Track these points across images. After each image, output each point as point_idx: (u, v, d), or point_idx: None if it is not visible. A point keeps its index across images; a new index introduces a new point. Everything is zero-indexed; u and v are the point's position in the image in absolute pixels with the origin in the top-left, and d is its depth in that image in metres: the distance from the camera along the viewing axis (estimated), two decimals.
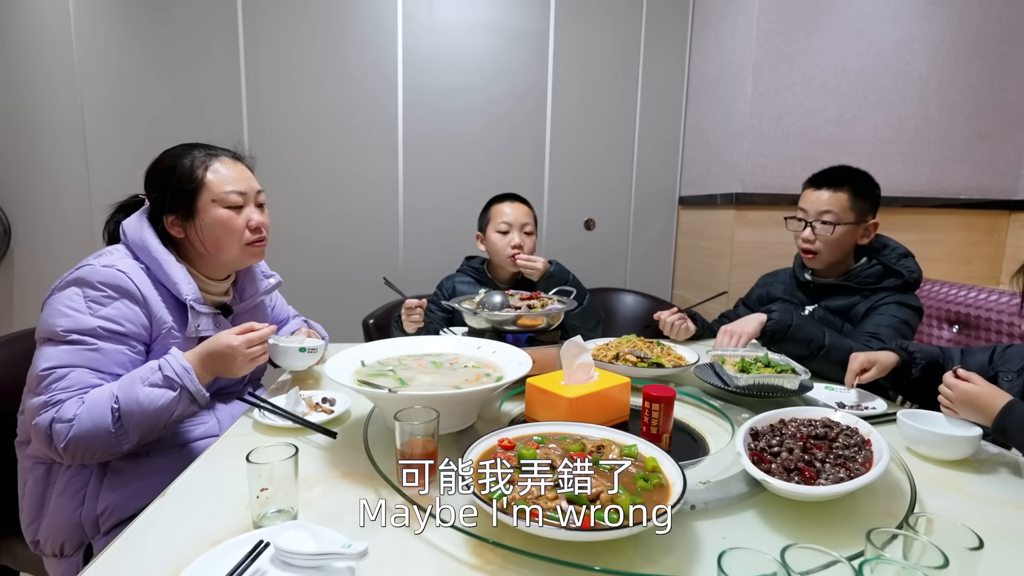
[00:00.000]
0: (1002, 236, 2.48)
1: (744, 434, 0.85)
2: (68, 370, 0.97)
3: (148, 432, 0.99)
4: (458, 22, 2.55)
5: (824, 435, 0.84)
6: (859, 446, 0.82)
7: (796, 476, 0.75)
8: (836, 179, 1.50)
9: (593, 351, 1.35)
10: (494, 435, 0.80)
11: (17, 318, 2.52)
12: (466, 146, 2.63)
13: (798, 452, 0.79)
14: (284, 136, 2.51)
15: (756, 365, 1.21)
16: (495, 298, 1.31)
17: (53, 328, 0.99)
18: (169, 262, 1.09)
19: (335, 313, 2.26)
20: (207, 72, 2.44)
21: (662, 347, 1.40)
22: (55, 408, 0.94)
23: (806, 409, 0.93)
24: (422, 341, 1.21)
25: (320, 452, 0.91)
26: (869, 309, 1.47)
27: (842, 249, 1.51)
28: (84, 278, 1.02)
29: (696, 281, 2.69)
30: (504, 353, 1.11)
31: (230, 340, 1.03)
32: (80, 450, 0.95)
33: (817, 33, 2.24)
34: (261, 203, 1.20)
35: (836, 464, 0.77)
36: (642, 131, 2.76)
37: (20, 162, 2.42)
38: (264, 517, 0.69)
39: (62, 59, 2.37)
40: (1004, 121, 2.39)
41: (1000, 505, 0.81)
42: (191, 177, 1.11)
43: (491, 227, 1.76)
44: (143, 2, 2.38)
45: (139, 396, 0.96)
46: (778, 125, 2.28)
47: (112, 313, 1.02)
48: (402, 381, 1.01)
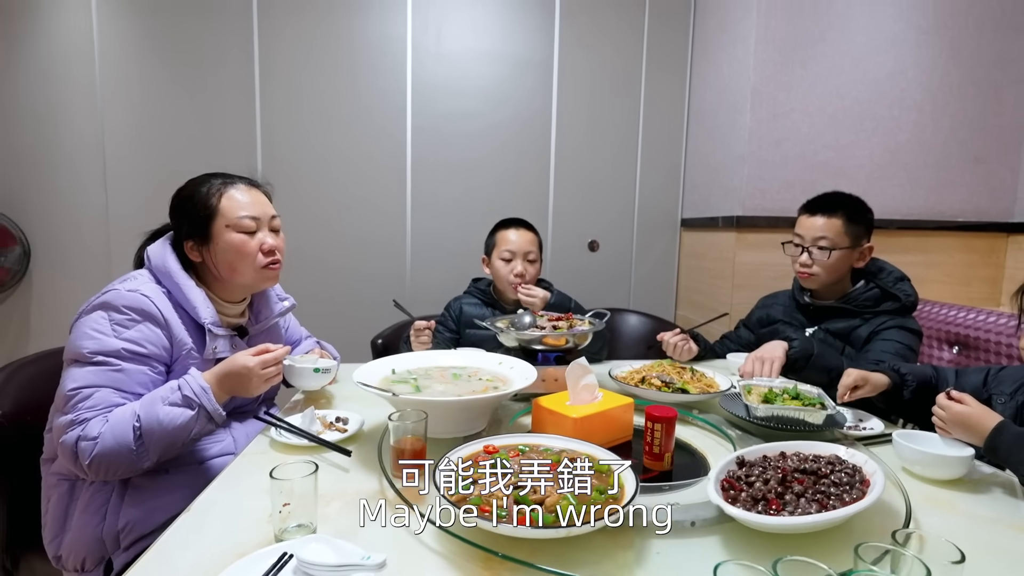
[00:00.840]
0: (1001, 258, 2.51)
1: (728, 461, 0.85)
2: (93, 390, 1.02)
3: (167, 450, 1.03)
4: (465, 51, 2.64)
5: (815, 471, 0.81)
6: (852, 485, 0.79)
7: (761, 505, 0.74)
8: (830, 205, 1.55)
9: (623, 374, 1.38)
10: (482, 441, 0.88)
11: (34, 339, 2.57)
12: (473, 170, 2.70)
13: (773, 484, 0.78)
14: (296, 162, 2.59)
15: (782, 396, 1.16)
16: (525, 318, 1.38)
17: (80, 350, 1.03)
18: (189, 287, 1.15)
19: (345, 333, 2.30)
20: (224, 101, 2.54)
21: (693, 372, 1.39)
22: (81, 427, 0.99)
23: (815, 444, 0.90)
24: (451, 355, 1.31)
25: (335, 469, 0.95)
26: (871, 334, 1.50)
27: (839, 273, 1.55)
28: (110, 302, 1.08)
29: (699, 302, 2.73)
30: (519, 369, 1.19)
31: (246, 361, 1.08)
32: (104, 467, 0.99)
33: (813, 62, 2.32)
34: (276, 228, 1.25)
35: (813, 499, 0.75)
36: (644, 155, 2.82)
37: (41, 186, 2.50)
38: (285, 531, 0.72)
39: (85, 87, 2.47)
40: (998, 146, 2.45)
41: (991, 524, 0.84)
42: (206, 204, 1.17)
43: (496, 253, 1.81)
44: (164, 33, 2.48)
45: (159, 415, 1.00)
46: (777, 150, 2.34)
47: (135, 335, 1.07)
48: (417, 388, 1.10)
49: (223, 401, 1.09)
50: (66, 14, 2.43)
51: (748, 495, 0.76)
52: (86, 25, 2.44)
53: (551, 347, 1.31)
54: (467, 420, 1.05)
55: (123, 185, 2.53)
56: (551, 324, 1.39)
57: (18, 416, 1.17)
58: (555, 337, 1.30)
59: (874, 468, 0.82)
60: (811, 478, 0.80)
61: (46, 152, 2.49)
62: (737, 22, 2.40)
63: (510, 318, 1.42)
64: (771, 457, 0.88)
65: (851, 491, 0.77)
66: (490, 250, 1.85)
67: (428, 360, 1.26)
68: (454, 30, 2.63)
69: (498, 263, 1.80)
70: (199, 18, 2.49)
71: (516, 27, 2.66)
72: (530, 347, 1.31)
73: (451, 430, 1.02)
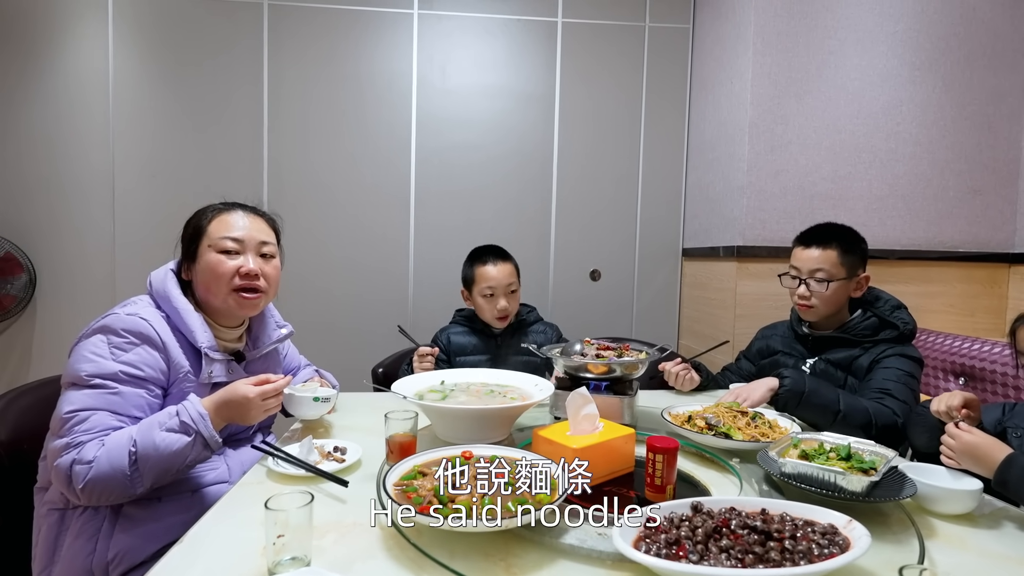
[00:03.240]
0: (1003, 288, 2.51)
1: (679, 504, 0.79)
2: (90, 413, 1.01)
3: (162, 475, 1.02)
4: (470, 85, 2.72)
5: (764, 531, 0.72)
6: (811, 551, 0.69)
7: (666, 550, 0.70)
8: (823, 237, 1.56)
9: (676, 413, 1.32)
10: (464, 447, 0.99)
11: (35, 366, 2.57)
12: (476, 201, 2.74)
13: (701, 533, 0.71)
14: (302, 192, 2.64)
15: (826, 455, 0.99)
16: (575, 346, 1.44)
17: (78, 373, 1.03)
18: (188, 311, 1.15)
19: (347, 361, 2.30)
20: (232, 134, 2.60)
21: (760, 418, 1.25)
22: (76, 450, 0.98)
23: (817, 510, 0.78)
24: (497, 374, 1.41)
25: (332, 500, 0.94)
26: (872, 363, 1.49)
27: (837, 303, 1.55)
28: (109, 326, 1.08)
29: (700, 331, 2.72)
30: (545, 388, 1.28)
31: (247, 392, 1.08)
32: (97, 491, 0.97)
33: (809, 96, 2.37)
34: (265, 254, 1.23)
35: (735, 556, 0.68)
36: (645, 186, 2.86)
37: (51, 216, 2.54)
38: (279, 564, 0.71)
39: (98, 120, 2.54)
40: (995, 178, 2.47)
41: (1003, 560, 0.81)
42: (198, 225, 1.21)
43: (476, 289, 1.80)
44: (177, 69, 2.56)
45: (156, 440, 1.00)
46: (775, 181, 2.37)
47: (133, 359, 1.07)
48: (444, 395, 1.26)
49: (219, 428, 1.08)
50: (84, 50, 2.52)
51: (666, 538, 0.71)
52: (102, 60, 2.52)
53: (599, 375, 1.33)
54: (481, 429, 1.15)
55: (131, 216, 2.57)
56: (593, 352, 1.41)
57: (14, 444, 1.16)
58: (595, 365, 1.34)
59: (860, 534, 0.72)
60: (755, 536, 0.71)
61: (57, 183, 2.54)
62: (734, 59, 2.47)
63: (563, 346, 1.47)
64: (739, 511, 0.78)
65: (805, 558, 0.68)
66: (469, 283, 1.83)
67: (474, 376, 1.40)
68: (458, 65, 2.71)
69: (480, 300, 1.80)
70: (211, 55, 2.57)
71: (519, 62, 2.74)
72: (577, 375, 1.36)
73: (471, 437, 1.11)
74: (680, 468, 1.11)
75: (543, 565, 0.74)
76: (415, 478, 0.89)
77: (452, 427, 1.19)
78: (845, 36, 2.37)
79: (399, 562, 0.75)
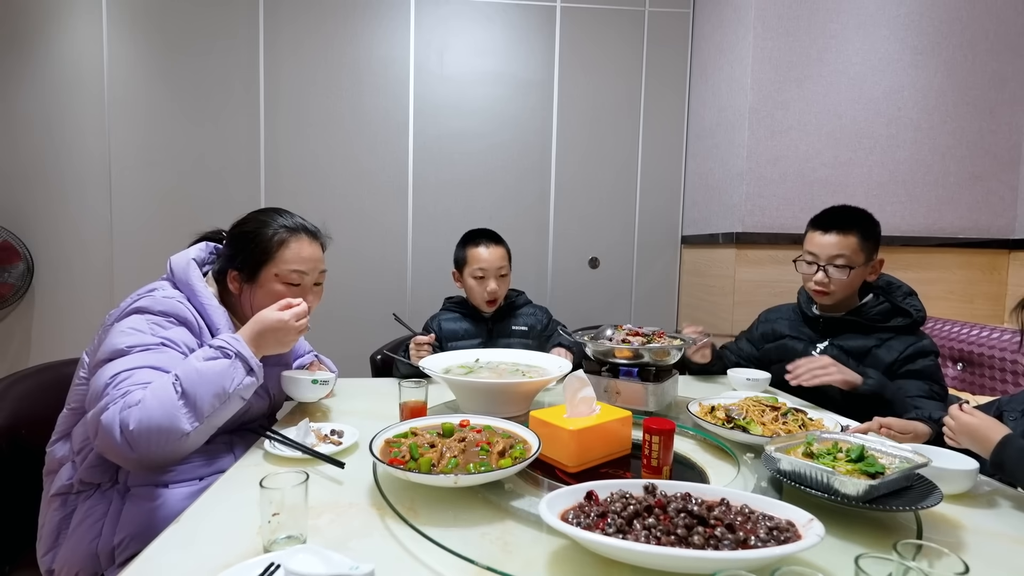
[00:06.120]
0: (1003, 274, 2.50)
1: (633, 484, 0.77)
2: (132, 371, 0.99)
3: (213, 404, 0.98)
4: (467, 72, 2.69)
5: (700, 515, 0.69)
6: (746, 541, 0.65)
7: (587, 521, 0.69)
8: (843, 222, 1.52)
9: (703, 405, 1.25)
10: (462, 416, 1.06)
11: (34, 354, 2.58)
12: (474, 189, 2.73)
13: (631, 511, 0.70)
14: (299, 180, 2.63)
15: (834, 456, 0.90)
16: (607, 331, 1.46)
17: (118, 346, 1.02)
18: (213, 306, 1.16)
19: (345, 348, 2.30)
20: (229, 120, 2.58)
21: (795, 415, 1.16)
22: (122, 399, 0.95)
23: (784, 506, 0.72)
24: (532, 355, 1.47)
25: (328, 482, 0.94)
26: (896, 363, 1.46)
27: (853, 288, 1.54)
28: (146, 307, 1.09)
29: (700, 318, 2.72)
30: (565, 370, 1.30)
31: (280, 315, 1.11)
32: (151, 438, 0.93)
33: (809, 81, 2.35)
34: (320, 282, 1.28)
35: (653, 535, 0.66)
36: (644, 173, 2.85)
37: (48, 203, 2.53)
38: (275, 543, 0.71)
39: (94, 106, 2.52)
40: (996, 163, 2.46)
41: (998, 539, 0.82)
42: (266, 249, 1.19)
43: (467, 271, 1.82)
44: (173, 55, 2.54)
45: (197, 367, 0.99)
46: (775, 168, 2.36)
47: (172, 336, 1.07)
48: (470, 371, 1.36)
49: (259, 356, 1.08)
50: (78, 37, 2.50)
51: (592, 514, 0.70)
52: (97, 46, 2.50)
53: (630, 362, 1.35)
54: (496, 404, 1.21)
55: (128, 203, 2.56)
56: (621, 337, 1.43)
57: (13, 429, 1.17)
58: (621, 350, 1.35)
59: (811, 535, 0.66)
60: (689, 520, 0.69)
61: (54, 170, 2.53)
62: (734, 43, 2.45)
63: (595, 331, 1.48)
64: (695, 498, 0.75)
65: (730, 545, 0.65)
66: (460, 265, 1.85)
67: (507, 356, 1.48)
68: (456, 52, 2.68)
69: (471, 281, 1.81)
70: (207, 40, 2.55)
71: (517, 49, 2.71)
72: (607, 360, 1.38)
73: (489, 411, 1.15)
74: (686, 454, 1.11)
75: (539, 543, 0.74)
76: (406, 436, 0.97)
77: (471, 400, 1.26)
78: (847, 19, 2.34)
79: (396, 540, 0.75)
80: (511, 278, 1.88)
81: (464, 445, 0.93)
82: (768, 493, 0.89)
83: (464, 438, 0.95)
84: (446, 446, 0.92)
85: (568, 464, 0.96)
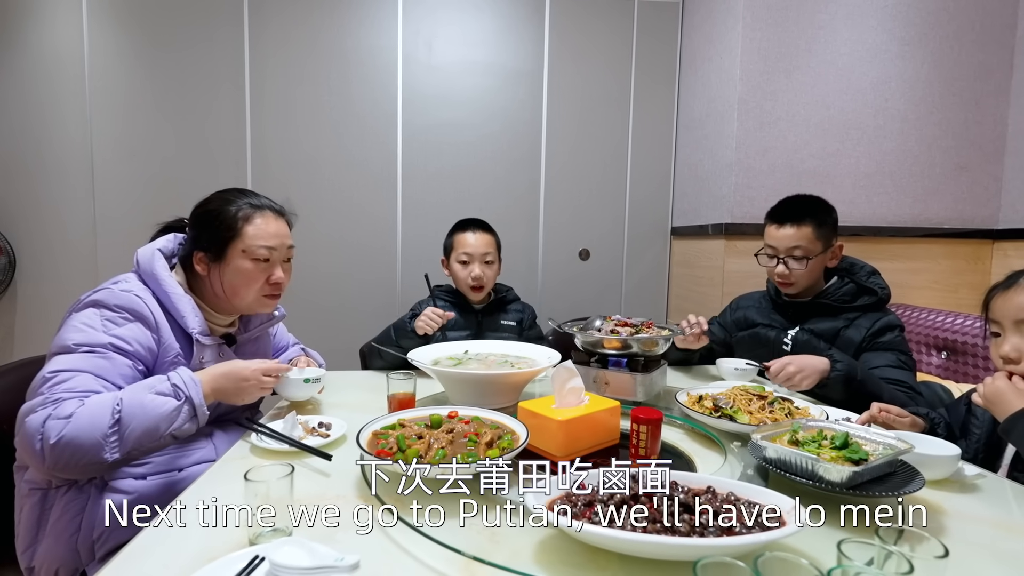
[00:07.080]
0: (987, 264, 2.53)
1: (620, 474, 0.76)
2: (73, 374, 0.98)
3: (141, 440, 0.98)
4: (456, 62, 2.67)
5: (685, 503, 0.69)
6: (730, 528, 0.66)
7: (574, 510, 0.70)
8: (797, 213, 1.55)
9: (691, 395, 1.25)
10: (451, 408, 1.06)
11: (17, 349, 2.54)
12: (464, 179, 2.71)
13: (616, 501, 0.70)
14: (286, 170, 2.60)
15: (819, 443, 0.91)
16: (595, 322, 1.45)
17: (66, 342, 1.01)
18: (178, 295, 1.13)
19: (333, 340, 2.29)
20: (214, 110, 2.54)
21: (781, 403, 1.17)
22: (54, 406, 0.93)
23: (770, 493, 0.73)
24: (521, 346, 1.48)
25: (316, 474, 0.93)
26: (863, 342, 1.49)
27: (815, 275, 1.58)
28: (102, 301, 1.07)
29: (689, 309, 2.71)
30: (552, 359, 1.33)
31: (253, 371, 1.11)
32: (68, 453, 0.92)
33: (798, 72, 2.35)
34: (289, 258, 1.26)
35: (638, 523, 0.66)
36: (634, 165, 2.84)
37: (28, 195, 2.49)
38: (260, 535, 0.70)
39: (75, 96, 2.47)
40: (981, 154, 2.48)
41: (979, 523, 0.83)
42: (230, 225, 1.17)
43: (453, 256, 1.82)
44: (155, 42, 2.49)
45: (143, 400, 0.98)
46: (764, 159, 2.36)
47: (124, 333, 1.05)
48: (459, 362, 1.36)
49: (210, 403, 1.07)
50: (56, 24, 2.44)
51: (580, 501, 0.71)
52: (76, 34, 2.44)
53: (619, 352, 1.35)
54: (484, 395, 1.21)
55: (111, 195, 2.52)
56: (609, 327, 1.43)
57: None
58: (609, 340, 1.35)
59: (794, 521, 0.66)
60: (673, 507, 0.69)
61: (35, 162, 2.48)
62: (724, 34, 2.44)
63: (584, 322, 1.48)
64: (681, 486, 0.76)
65: (714, 531, 0.66)
66: (448, 252, 1.85)
67: (496, 348, 1.48)
68: (445, 42, 2.65)
69: (456, 266, 1.81)
70: (190, 27, 2.50)
71: (506, 39, 2.69)
72: (595, 351, 1.38)
73: (478, 402, 1.14)
74: (674, 443, 1.12)
75: (526, 532, 0.74)
76: (393, 428, 0.96)
77: (460, 392, 1.25)
78: (835, 10, 2.35)
79: (383, 532, 0.75)
80: (501, 271, 1.87)
81: (452, 436, 0.93)
82: (754, 481, 0.90)
83: (452, 429, 0.95)
84: (434, 437, 0.92)
85: (556, 454, 0.96)
